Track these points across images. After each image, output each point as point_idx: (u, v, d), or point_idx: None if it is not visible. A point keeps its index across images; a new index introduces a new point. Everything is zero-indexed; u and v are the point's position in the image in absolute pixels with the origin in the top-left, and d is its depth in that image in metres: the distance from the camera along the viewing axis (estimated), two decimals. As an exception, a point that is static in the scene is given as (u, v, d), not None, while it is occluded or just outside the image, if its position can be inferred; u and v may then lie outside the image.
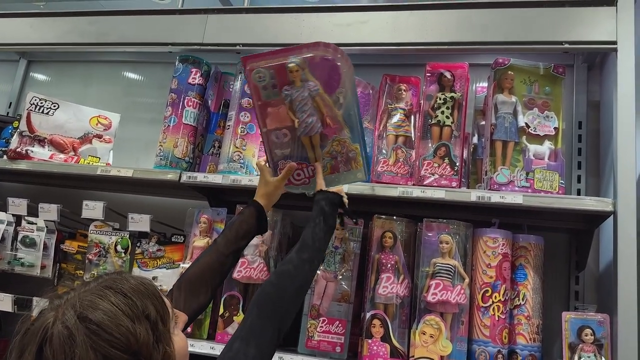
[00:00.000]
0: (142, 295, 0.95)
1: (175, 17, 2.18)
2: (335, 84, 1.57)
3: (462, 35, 1.86)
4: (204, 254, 1.48)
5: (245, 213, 1.55)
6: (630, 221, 1.56)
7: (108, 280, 0.96)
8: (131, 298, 0.92)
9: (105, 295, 0.91)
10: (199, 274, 1.42)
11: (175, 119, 2.06)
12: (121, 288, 0.93)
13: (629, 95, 1.66)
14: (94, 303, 0.89)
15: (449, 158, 1.80)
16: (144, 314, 0.92)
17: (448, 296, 1.66)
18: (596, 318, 1.57)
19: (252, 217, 1.55)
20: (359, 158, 1.65)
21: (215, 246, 1.48)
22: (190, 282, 1.40)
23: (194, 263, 1.46)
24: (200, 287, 1.40)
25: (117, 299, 0.91)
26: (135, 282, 0.97)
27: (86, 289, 0.93)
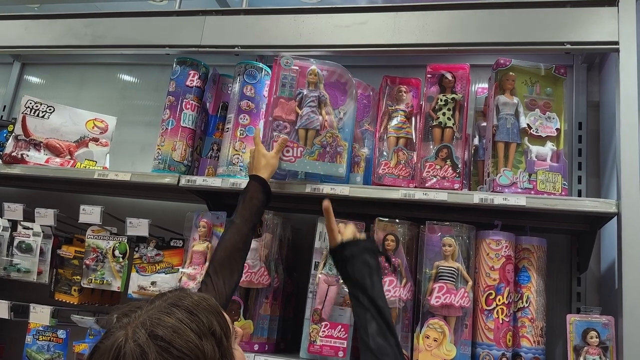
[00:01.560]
0: (207, 311, 0.96)
1: (173, 19, 2.15)
2: (341, 102, 1.92)
3: (463, 36, 1.84)
4: (226, 236, 1.57)
5: (251, 189, 1.64)
6: (635, 222, 1.55)
7: (172, 298, 0.98)
8: (197, 315, 0.94)
9: (172, 313, 0.93)
10: (229, 255, 1.52)
11: (173, 121, 2.03)
12: (186, 305, 0.95)
13: (631, 96, 1.65)
14: (162, 320, 0.91)
15: (451, 160, 1.79)
16: (210, 330, 0.94)
17: (452, 299, 1.64)
18: (601, 320, 1.56)
19: (259, 191, 1.65)
20: (344, 154, 1.83)
21: (235, 226, 1.57)
22: (223, 265, 1.50)
23: (219, 246, 1.55)
24: (232, 267, 1.52)
25: (183, 316, 0.93)
26: (198, 299, 0.99)
27: (152, 306, 0.95)
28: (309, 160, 1.86)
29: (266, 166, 1.71)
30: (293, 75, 1.93)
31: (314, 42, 1.96)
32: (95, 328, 2.00)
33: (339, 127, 1.91)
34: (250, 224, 1.60)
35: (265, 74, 2.07)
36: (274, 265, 1.88)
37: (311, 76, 1.91)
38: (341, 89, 1.95)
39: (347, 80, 1.93)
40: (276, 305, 1.91)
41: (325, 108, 1.91)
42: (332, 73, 1.95)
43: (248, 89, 2.01)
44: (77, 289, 2.17)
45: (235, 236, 1.56)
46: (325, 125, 1.88)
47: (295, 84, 1.93)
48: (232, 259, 1.53)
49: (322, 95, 1.91)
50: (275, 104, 1.91)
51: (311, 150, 1.86)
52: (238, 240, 1.56)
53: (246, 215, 1.59)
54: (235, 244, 1.55)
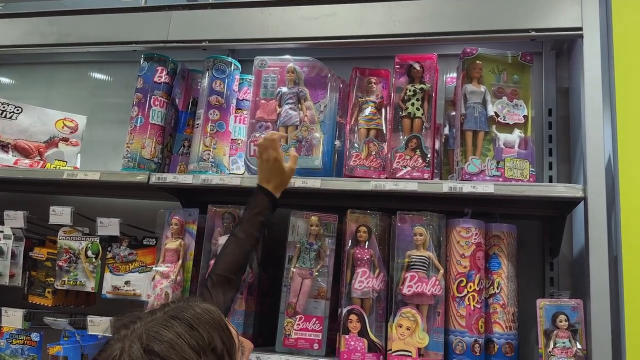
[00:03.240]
0: (209, 325, 0.92)
1: (139, 15, 2.13)
2: (321, 96, 1.94)
3: (430, 26, 1.84)
4: (227, 250, 1.54)
5: (261, 205, 1.59)
6: (600, 206, 1.57)
7: (174, 309, 0.94)
8: (197, 329, 0.90)
9: (171, 326, 0.89)
10: (229, 269, 1.51)
11: (142, 119, 2.01)
12: (187, 318, 0.91)
13: (596, 81, 1.67)
14: (159, 334, 0.87)
15: (421, 150, 1.79)
16: (210, 347, 0.89)
17: (423, 288, 1.65)
18: (570, 304, 1.58)
19: (268, 209, 1.60)
20: (320, 146, 1.85)
21: (238, 242, 1.54)
22: (223, 280, 1.49)
23: (220, 260, 1.53)
24: (232, 282, 1.51)
25: (182, 330, 0.89)
26: (201, 311, 0.94)
27: (152, 318, 0.92)
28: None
29: (280, 185, 1.63)
30: (274, 75, 1.97)
31: (282, 35, 1.95)
32: (69, 329, 1.97)
33: (320, 121, 1.92)
34: (253, 240, 1.58)
35: (234, 69, 2.06)
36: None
37: (289, 74, 1.95)
38: (321, 83, 1.97)
39: (327, 74, 1.96)
40: (252, 301, 1.90)
41: (305, 103, 1.92)
42: (312, 68, 1.98)
43: (217, 84, 2.00)
44: (51, 291, 2.14)
45: (237, 252, 1.53)
46: (305, 120, 1.90)
47: (276, 84, 1.96)
48: (232, 274, 1.51)
49: (300, 92, 1.94)
50: (257, 107, 1.95)
51: (287, 145, 1.87)
52: (240, 258, 1.54)
53: (250, 232, 1.56)
54: (237, 260, 1.53)
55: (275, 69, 1.98)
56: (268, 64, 1.96)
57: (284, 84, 1.95)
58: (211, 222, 1.89)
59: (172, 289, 1.84)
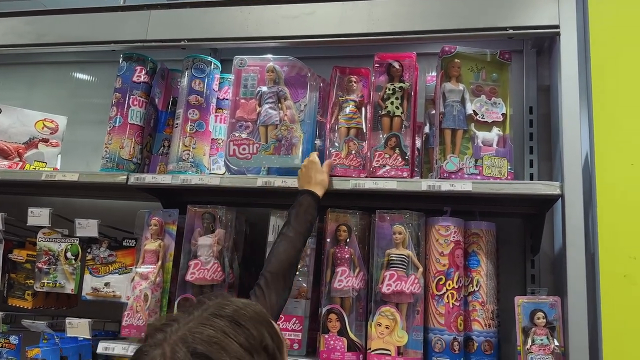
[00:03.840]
0: (255, 321, 0.86)
1: (118, 14, 2.11)
2: (302, 95, 1.93)
3: (409, 24, 1.84)
4: (280, 248, 1.54)
5: (305, 204, 1.63)
6: (577, 204, 1.58)
7: (214, 307, 0.87)
8: (246, 327, 0.84)
9: (216, 325, 0.82)
10: (284, 269, 1.50)
11: (120, 119, 1.99)
12: (232, 315, 0.85)
13: (572, 79, 1.68)
14: (205, 335, 0.80)
15: (400, 148, 1.79)
16: (262, 345, 0.83)
17: (402, 286, 1.65)
18: (548, 301, 1.59)
19: (313, 208, 1.64)
20: (299, 145, 1.85)
21: (290, 239, 1.55)
22: (277, 278, 1.48)
23: (273, 258, 1.52)
24: (286, 281, 1.51)
25: (229, 328, 0.82)
26: (243, 307, 0.88)
27: (190, 318, 0.84)
28: (265, 155, 1.87)
29: (322, 182, 1.70)
30: (254, 75, 1.96)
31: (261, 34, 1.94)
32: (48, 332, 1.96)
33: (300, 120, 1.91)
34: (303, 239, 1.59)
35: (214, 68, 2.05)
36: (228, 260, 1.86)
37: (269, 73, 1.95)
38: (301, 82, 1.96)
39: (307, 73, 1.95)
40: (232, 301, 1.89)
41: (285, 102, 1.92)
42: (292, 68, 1.97)
43: (197, 83, 1.98)
44: (31, 294, 2.12)
45: (290, 250, 1.53)
46: (285, 119, 1.89)
47: (256, 84, 1.95)
48: (286, 273, 1.51)
49: (280, 91, 1.93)
50: (237, 106, 1.94)
51: (267, 145, 1.87)
52: (293, 255, 1.54)
53: (300, 230, 1.58)
54: (290, 258, 1.53)
55: (255, 68, 1.97)
56: (247, 63, 1.95)
57: (264, 83, 1.94)
58: (191, 223, 1.88)
59: (152, 290, 1.83)
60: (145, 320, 1.79)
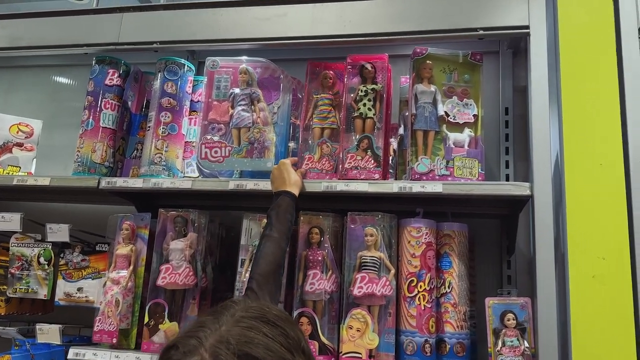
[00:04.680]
0: (290, 323, 0.88)
1: (90, 17, 2.09)
2: (275, 97, 1.93)
3: (381, 26, 1.84)
4: (266, 249, 1.53)
5: (284, 205, 1.63)
6: (547, 204, 1.57)
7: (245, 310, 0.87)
8: (282, 327, 0.85)
9: (254, 327, 0.83)
10: (273, 270, 1.50)
11: (92, 122, 1.98)
12: (266, 317, 0.86)
13: (542, 79, 1.67)
14: (247, 337, 0.81)
15: (372, 150, 1.78)
16: (300, 345, 0.85)
17: (373, 289, 1.64)
18: (518, 302, 1.58)
19: (292, 207, 1.64)
20: (272, 148, 1.84)
21: (275, 240, 1.55)
22: (268, 280, 1.48)
23: (261, 260, 1.51)
24: (277, 282, 1.52)
25: (269, 330, 0.83)
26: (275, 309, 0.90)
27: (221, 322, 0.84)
28: (237, 158, 1.86)
29: (297, 182, 1.70)
30: (227, 76, 1.94)
31: (233, 36, 1.93)
32: (19, 338, 1.93)
33: (273, 122, 1.90)
34: (287, 239, 1.59)
35: (187, 70, 2.04)
36: (200, 265, 1.84)
37: (242, 75, 1.93)
38: (275, 84, 1.95)
39: (280, 75, 1.94)
40: (205, 306, 1.88)
41: (258, 104, 1.90)
42: (265, 69, 1.96)
43: (169, 86, 1.97)
44: (4, 299, 2.09)
45: (276, 250, 1.54)
46: (258, 122, 1.88)
47: (229, 85, 1.94)
48: (275, 274, 1.51)
49: (253, 93, 1.92)
50: (209, 108, 1.93)
51: (239, 148, 1.86)
52: (279, 255, 1.55)
53: (283, 230, 1.58)
54: (277, 258, 1.53)
55: (228, 70, 1.96)
56: (220, 64, 1.94)
57: (237, 85, 1.93)
58: (162, 227, 1.86)
59: (123, 295, 1.81)
60: (116, 326, 1.78)
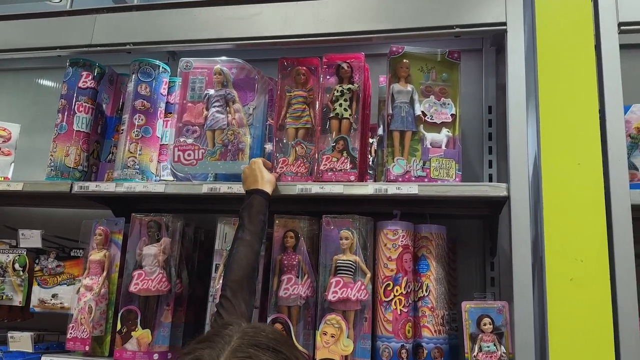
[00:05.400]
0: (288, 345, 0.88)
1: (63, 19, 2.06)
2: (250, 98, 1.88)
3: (356, 25, 1.80)
4: (238, 254, 1.48)
5: (256, 204, 1.58)
6: (524, 205, 1.54)
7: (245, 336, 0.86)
8: (282, 352, 0.85)
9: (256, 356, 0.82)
10: (245, 274, 1.45)
11: (65, 126, 1.95)
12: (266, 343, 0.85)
13: (519, 77, 1.64)
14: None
15: (347, 151, 1.74)
16: None
17: (348, 293, 1.61)
18: (495, 306, 1.55)
19: (265, 206, 1.60)
20: (247, 150, 1.80)
21: (247, 243, 1.50)
22: (242, 285, 1.43)
23: (233, 265, 1.46)
24: (251, 287, 1.47)
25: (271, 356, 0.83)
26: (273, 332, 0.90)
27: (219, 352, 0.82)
28: (211, 161, 1.83)
29: (270, 181, 1.65)
30: (202, 77, 1.91)
31: (207, 36, 1.89)
32: (-8, 346, 1.90)
33: (249, 123, 1.87)
34: (260, 240, 1.55)
35: (162, 71, 2.00)
36: (175, 270, 1.81)
37: (216, 76, 1.90)
38: (250, 84, 1.92)
39: (256, 75, 1.90)
40: (180, 312, 1.84)
41: (233, 106, 1.87)
42: (240, 70, 1.93)
43: (143, 88, 1.94)
44: (-20, 307, 2.07)
45: (249, 254, 1.49)
46: (233, 123, 1.84)
47: (204, 87, 1.91)
48: (249, 279, 1.47)
49: (228, 94, 1.88)
50: (184, 110, 1.90)
51: (213, 150, 1.83)
52: (253, 259, 1.50)
53: (255, 231, 1.54)
54: (250, 262, 1.49)
55: (203, 71, 1.92)
56: (194, 65, 1.90)
57: (212, 86, 1.90)
58: (135, 232, 1.83)
59: (96, 301, 1.78)
60: (89, 333, 1.74)
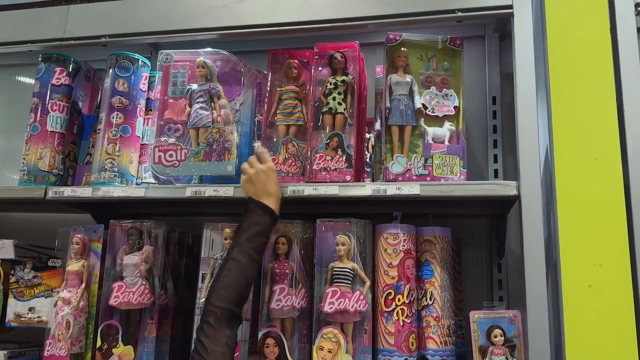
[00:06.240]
0: None
1: (34, 11, 1.90)
2: (237, 93, 1.74)
3: (348, 11, 1.65)
4: (230, 278, 1.33)
5: (263, 224, 1.42)
6: (536, 205, 1.40)
7: None
8: None
9: None
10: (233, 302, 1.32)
11: (38, 126, 1.80)
12: None
13: (528, 63, 1.50)
14: None
15: (342, 149, 1.61)
16: None
17: (346, 304, 1.48)
18: (506, 316, 1.42)
19: (270, 229, 1.45)
20: (234, 150, 1.66)
21: (240, 266, 1.35)
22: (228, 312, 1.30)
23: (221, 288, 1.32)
24: (237, 312, 1.33)
25: None
26: None
27: None
28: (194, 162, 1.68)
29: (278, 196, 1.49)
30: (184, 71, 1.77)
31: (187, 26, 1.75)
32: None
33: (235, 120, 1.73)
34: (257, 267, 1.40)
35: (141, 65, 1.86)
36: (158, 280, 1.68)
37: (199, 69, 1.75)
38: (237, 78, 1.78)
39: (242, 68, 1.76)
40: (166, 325, 1.72)
41: (219, 101, 1.73)
42: (226, 62, 1.78)
43: (120, 84, 1.79)
44: (-44, 320, 1.93)
45: (242, 280, 1.34)
46: (218, 120, 1.70)
47: (186, 81, 1.76)
48: (237, 307, 1.32)
49: (212, 88, 1.74)
50: (165, 107, 1.75)
51: (196, 150, 1.69)
52: (244, 287, 1.35)
53: (254, 256, 1.37)
54: (241, 290, 1.34)
55: (185, 64, 1.78)
56: (174, 58, 1.76)
57: (195, 81, 1.75)
58: (115, 240, 1.69)
59: (74, 316, 1.64)
60: (67, 350, 1.61)
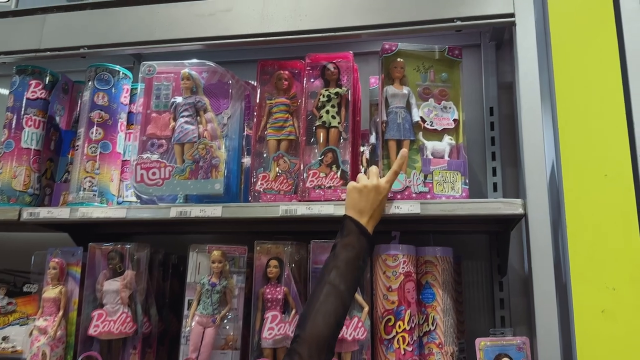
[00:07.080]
0: None
1: (9, 21, 1.80)
2: (224, 106, 1.66)
3: (341, 20, 1.57)
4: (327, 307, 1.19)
5: (359, 247, 1.29)
6: (544, 225, 1.32)
7: None
8: None
9: None
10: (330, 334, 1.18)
11: (11, 143, 1.69)
12: None
13: (532, 75, 1.42)
14: None
15: (337, 165, 1.52)
16: None
17: (343, 332, 1.38)
18: (514, 343, 1.33)
19: (368, 253, 1.33)
20: (221, 167, 1.58)
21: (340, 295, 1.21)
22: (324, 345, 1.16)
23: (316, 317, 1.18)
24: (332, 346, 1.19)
25: None
26: None
27: None
28: (179, 181, 1.58)
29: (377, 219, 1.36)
30: (168, 83, 1.67)
31: (172, 36, 1.65)
32: None
33: (223, 135, 1.64)
34: (353, 292, 1.27)
35: (122, 77, 1.76)
36: (141, 307, 1.57)
37: (184, 81, 1.66)
38: (224, 90, 1.68)
39: (230, 80, 1.68)
40: (150, 354, 1.60)
41: (205, 115, 1.64)
42: (212, 74, 1.69)
43: (100, 97, 1.69)
44: None
45: (340, 309, 1.21)
46: (205, 136, 1.61)
47: (170, 94, 1.66)
48: (333, 339, 1.19)
49: (198, 101, 1.65)
50: (148, 121, 1.66)
51: (182, 168, 1.58)
52: (342, 315, 1.21)
53: (352, 283, 1.25)
54: (339, 320, 1.20)
55: (169, 76, 1.69)
56: (157, 70, 1.66)
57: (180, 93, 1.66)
58: (94, 264, 1.58)
59: (51, 347, 1.53)
60: (43, 384, 1.50)
